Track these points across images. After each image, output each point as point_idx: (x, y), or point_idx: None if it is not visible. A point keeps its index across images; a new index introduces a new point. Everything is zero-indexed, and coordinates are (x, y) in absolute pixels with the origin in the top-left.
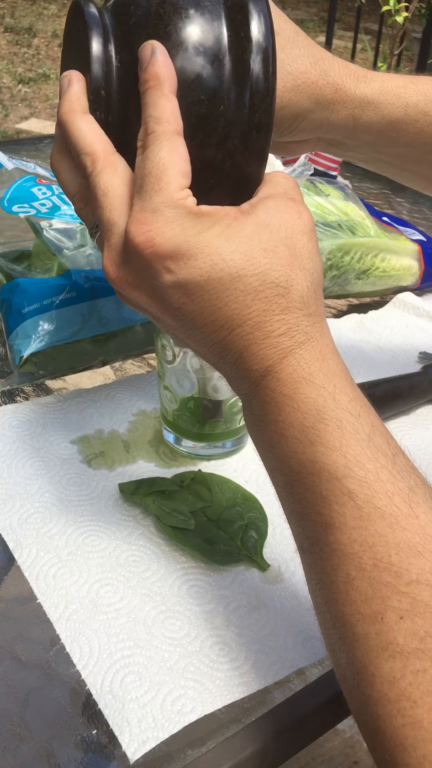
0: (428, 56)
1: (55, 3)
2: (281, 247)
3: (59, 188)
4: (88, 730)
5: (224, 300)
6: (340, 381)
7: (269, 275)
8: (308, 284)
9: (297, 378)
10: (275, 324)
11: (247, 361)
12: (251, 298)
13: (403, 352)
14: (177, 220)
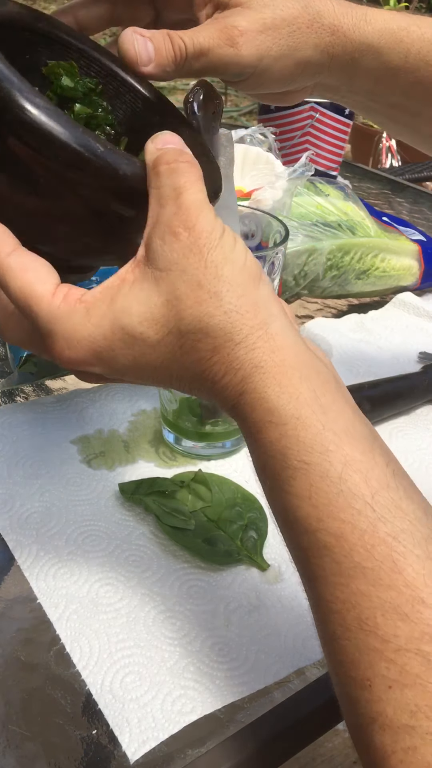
0: None
1: (55, 3)
2: (181, 288)
3: None
4: (88, 730)
5: (159, 367)
6: (304, 409)
7: (181, 326)
8: (226, 307)
9: (257, 419)
10: (214, 369)
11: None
12: (180, 355)
13: (403, 352)
14: (74, 328)
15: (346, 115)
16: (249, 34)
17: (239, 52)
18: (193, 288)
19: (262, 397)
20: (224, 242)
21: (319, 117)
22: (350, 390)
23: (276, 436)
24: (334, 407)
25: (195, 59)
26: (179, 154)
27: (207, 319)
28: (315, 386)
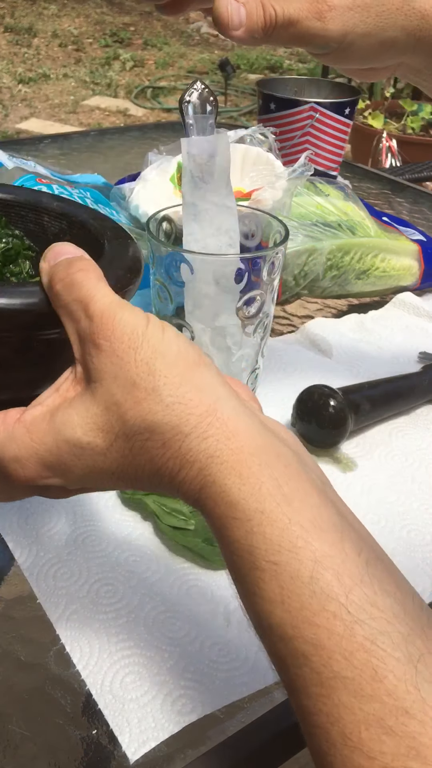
0: None
1: (55, 3)
2: (117, 392)
3: (59, 188)
4: (88, 730)
5: (115, 472)
6: (267, 501)
7: (127, 429)
8: (166, 400)
9: (221, 514)
10: (168, 465)
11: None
12: (132, 458)
13: (403, 352)
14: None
15: (346, 115)
16: (337, 10)
17: (326, 26)
18: (128, 389)
19: (223, 490)
20: (150, 336)
21: (319, 117)
22: (350, 390)
23: (241, 533)
24: (298, 495)
25: (283, 28)
26: (69, 266)
27: (150, 416)
28: (277, 473)
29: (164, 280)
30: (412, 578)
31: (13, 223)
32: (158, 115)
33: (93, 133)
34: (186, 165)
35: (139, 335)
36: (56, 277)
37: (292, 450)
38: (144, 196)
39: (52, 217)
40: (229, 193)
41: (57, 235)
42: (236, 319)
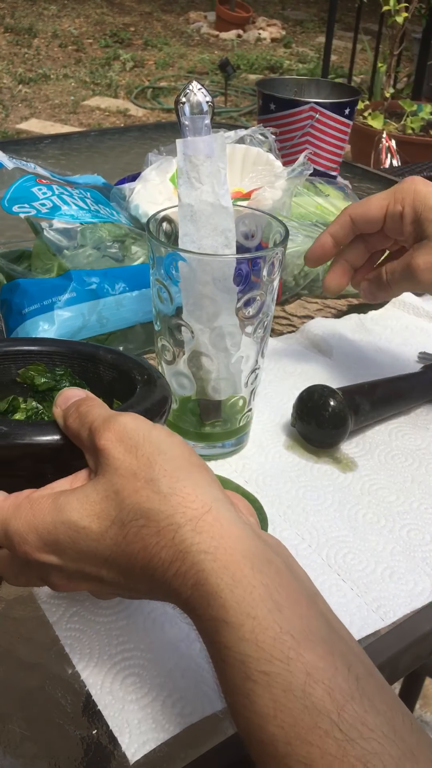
0: (428, 57)
1: (56, 3)
2: (119, 483)
3: (59, 188)
4: (88, 730)
5: (107, 560)
6: (260, 607)
7: (123, 517)
8: (163, 491)
9: (212, 616)
10: (161, 555)
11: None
12: (125, 546)
13: (403, 352)
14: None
15: (345, 115)
16: (425, 269)
17: (419, 279)
18: (128, 479)
19: (215, 591)
20: (154, 438)
21: (319, 117)
22: (350, 390)
23: (233, 639)
24: (289, 603)
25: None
26: (79, 405)
27: (146, 504)
28: (268, 579)
29: (164, 281)
30: (412, 578)
31: (76, 372)
32: (158, 115)
33: (93, 134)
34: (182, 165)
35: (141, 436)
36: (70, 416)
37: (282, 559)
38: (144, 196)
39: (105, 368)
40: (226, 193)
41: (110, 383)
42: (235, 319)
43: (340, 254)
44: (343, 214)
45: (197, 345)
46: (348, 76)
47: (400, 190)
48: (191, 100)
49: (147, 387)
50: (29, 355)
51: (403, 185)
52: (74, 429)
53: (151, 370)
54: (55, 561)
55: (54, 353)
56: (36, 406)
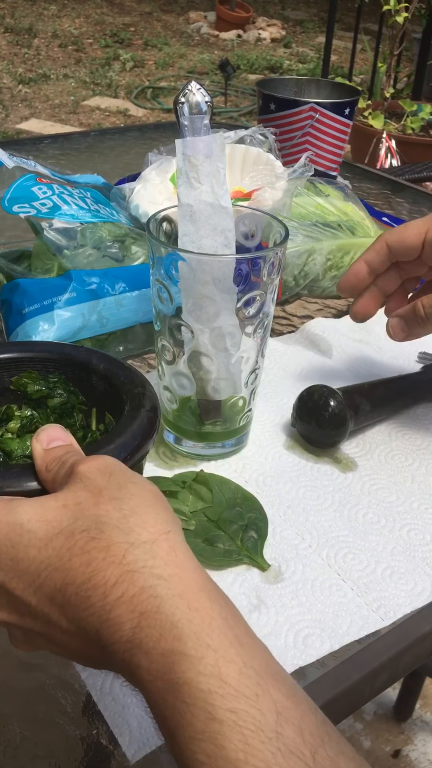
0: (428, 57)
1: (56, 3)
2: (82, 496)
3: (59, 187)
4: (88, 730)
5: (41, 572)
6: (220, 639)
7: (75, 526)
8: (126, 511)
9: (165, 649)
10: (106, 573)
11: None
12: (67, 559)
13: (403, 352)
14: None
15: (346, 115)
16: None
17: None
18: (93, 494)
19: (171, 621)
20: (130, 471)
21: (319, 117)
22: (350, 390)
23: (192, 674)
24: (247, 639)
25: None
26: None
27: (104, 518)
28: (226, 612)
29: (164, 281)
30: (412, 578)
31: (69, 379)
32: (158, 115)
33: (93, 134)
34: (181, 165)
35: (119, 467)
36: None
37: None
38: (144, 196)
39: (98, 378)
40: (225, 193)
41: (103, 393)
42: (235, 320)
43: None
44: (379, 240)
45: (197, 345)
46: (348, 76)
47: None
48: (190, 100)
49: (133, 414)
50: (22, 363)
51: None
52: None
53: (143, 387)
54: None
55: (47, 360)
56: (31, 414)
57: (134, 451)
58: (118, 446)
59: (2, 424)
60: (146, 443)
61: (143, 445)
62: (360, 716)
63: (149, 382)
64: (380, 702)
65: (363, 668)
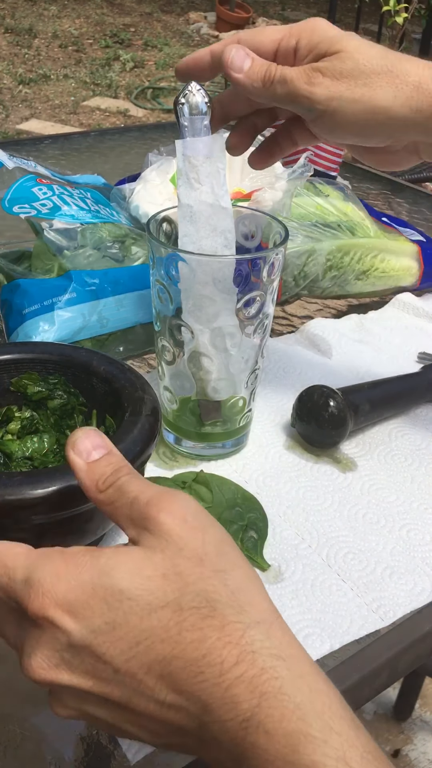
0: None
1: (56, 4)
2: (182, 564)
3: (59, 188)
4: (88, 730)
5: (141, 643)
6: (340, 722)
7: (182, 601)
8: (232, 586)
9: (290, 730)
10: (222, 653)
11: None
12: (175, 633)
13: (403, 352)
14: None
15: None
16: (325, 77)
17: (312, 89)
18: (194, 563)
19: (294, 702)
20: (218, 525)
21: None
22: (350, 390)
23: (319, 756)
24: (359, 722)
25: (279, 84)
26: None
27: (213, 594)
28: (338, 694)
29: (164, 281)
30: (412, 578)
31: (70, 381)
32: (158, 115)
33: (93, 134)
34: (181, 166)
35: (208, 521)
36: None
37: None
38: (144, 197)
39: (98, 380)
40: (225, 194)
41: (103, 396)
42: (235, 320)
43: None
44: (233, 37)
45: (197, 345)
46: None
47: (297, 26)
48: (190, 101)
49: (133, 419)
50: (22, 364)
51: (302, 23)
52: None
53: (143, 391)
54: (69, 626)
55: (48, 361)
56: (31, 415)
57: (136, 457)
58: None
59: (2, 425)
60: (147, 448)
61: (144, 450)
62: (360, 716)
63: (149, 385)
64: (380, 702)
65: (363, 668)
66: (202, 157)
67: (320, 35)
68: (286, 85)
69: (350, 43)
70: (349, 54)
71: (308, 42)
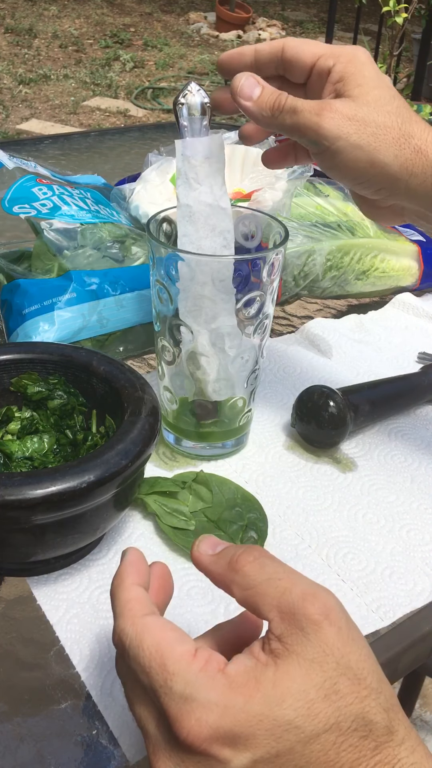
0: (428, 57)
1: (56, 4)
2: (340, 682)
3: (59, 188)
4: (88, 730)
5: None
6: None
7: (342, 724)
8: (384, 704)
9: None
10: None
11: None
12: (334, 754)
13: (403, 352)
14: (212, 700)
15: None
16: (336, 113)
17: (320, 122)
18: (353, 682)
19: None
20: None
21: None
22: (350, 390)
23: None
24: None
25: (288, 114)
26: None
27: (370, 716)
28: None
29: (164, 281)
30: (411, 578)
31: (70, 381)
32: (158, 115)
33: (93, 134)
34: (180, 166)
35: (355, 630)
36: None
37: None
38: (144, 197)
39: (98, 380)
40: (224, 194)
41: (103, 396)
42: (234, 320)
43: None
44: (280, 40)
45: (195, 345)
46: None
47: (339, 49)
48: (189, 101)
49: (133, 419)
50: (22, 364)
51: (346, 48)
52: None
53: (143, 391)
54: (227, 757)
55: (47, 361)
56: (31, 415)
57: (135, 457)
58: (119, 452)
59: (2, 425)
60: (147, 449)
61: (144, 451)
62: None
63: (149, 385)
64: None
65: None
66: (201, 157)
67: (355, 68)
68: (295, 116)
69: (373, 92)
70: (368, 102)
71: (343, 68)
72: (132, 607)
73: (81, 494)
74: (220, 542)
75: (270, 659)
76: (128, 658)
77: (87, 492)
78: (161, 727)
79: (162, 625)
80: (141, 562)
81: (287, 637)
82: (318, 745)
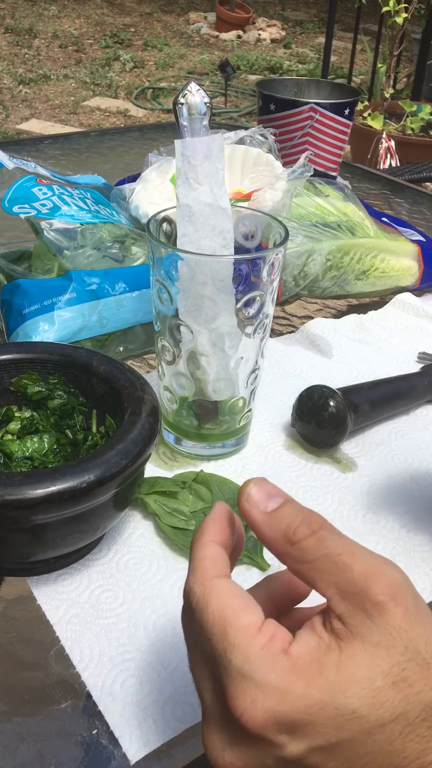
0: (428, 57)
1: (56, 4)
2: (409, 668)
3: (59, 188)
4: (88, 730)
5: (366, 758)
6: None
7: (410, 713)
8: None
9: None
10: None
11: None
12: (399, 744)
13: (403, 352)
14: (271, 683)
15: (345, 115)
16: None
17: None
18: (423, 668)
19: None
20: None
21: (319, 118)
22: (350, 390)
23: None
24: None
25: None
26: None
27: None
28: None
29: (164, 281)
30: (412, 578)
31: (70, 381)
32: (158, 115)
33: (93, 134)
34: (180, 166)
35: (425, 610)
36: (299, 532)
37: None
38: (144, 197)
39: (98, 380)
40: (224, 194)
41: (103, 396)
42: (234, 320)
43: None
44: None
45: (196, 345)
46: (348, 77)
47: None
48: (189, 101)
49: (133, 419)
50: (22, 364)
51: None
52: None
53: (143, 391)
54: (284, 743)
55: (47, 361)
56: (31, 415)
57: (135, 457)
58: (119, 452)
59: (2, 425)
60: (147, 449)
61: (144, 451)
62: None
63: (149, 385)
64: None
65: None
66: (200, 157)
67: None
68: None
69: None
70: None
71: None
72: (205, 565)
73: (81, 494)
74: (275, 493)
75: (333, 641)
76: (192, 618)
77: (87, 492)
78: (218, 698)
79: (230, 589)
80: (224, 520)
81: (350, 618)
82: (383, 736)
